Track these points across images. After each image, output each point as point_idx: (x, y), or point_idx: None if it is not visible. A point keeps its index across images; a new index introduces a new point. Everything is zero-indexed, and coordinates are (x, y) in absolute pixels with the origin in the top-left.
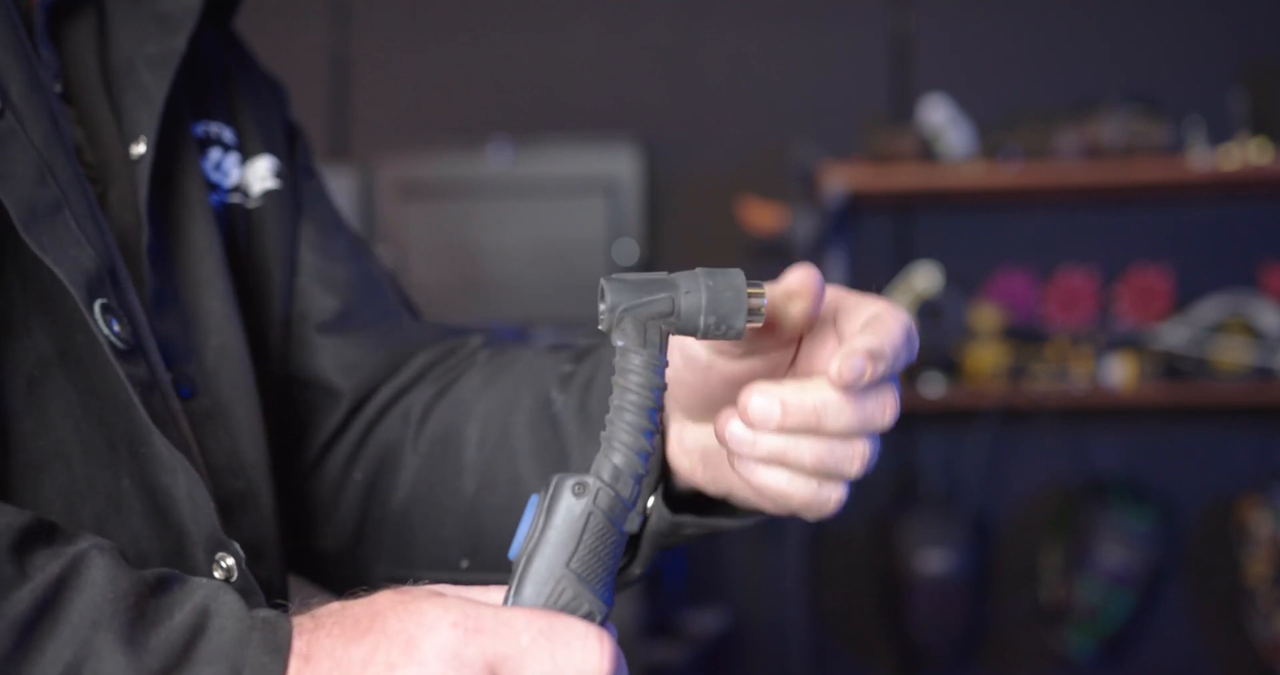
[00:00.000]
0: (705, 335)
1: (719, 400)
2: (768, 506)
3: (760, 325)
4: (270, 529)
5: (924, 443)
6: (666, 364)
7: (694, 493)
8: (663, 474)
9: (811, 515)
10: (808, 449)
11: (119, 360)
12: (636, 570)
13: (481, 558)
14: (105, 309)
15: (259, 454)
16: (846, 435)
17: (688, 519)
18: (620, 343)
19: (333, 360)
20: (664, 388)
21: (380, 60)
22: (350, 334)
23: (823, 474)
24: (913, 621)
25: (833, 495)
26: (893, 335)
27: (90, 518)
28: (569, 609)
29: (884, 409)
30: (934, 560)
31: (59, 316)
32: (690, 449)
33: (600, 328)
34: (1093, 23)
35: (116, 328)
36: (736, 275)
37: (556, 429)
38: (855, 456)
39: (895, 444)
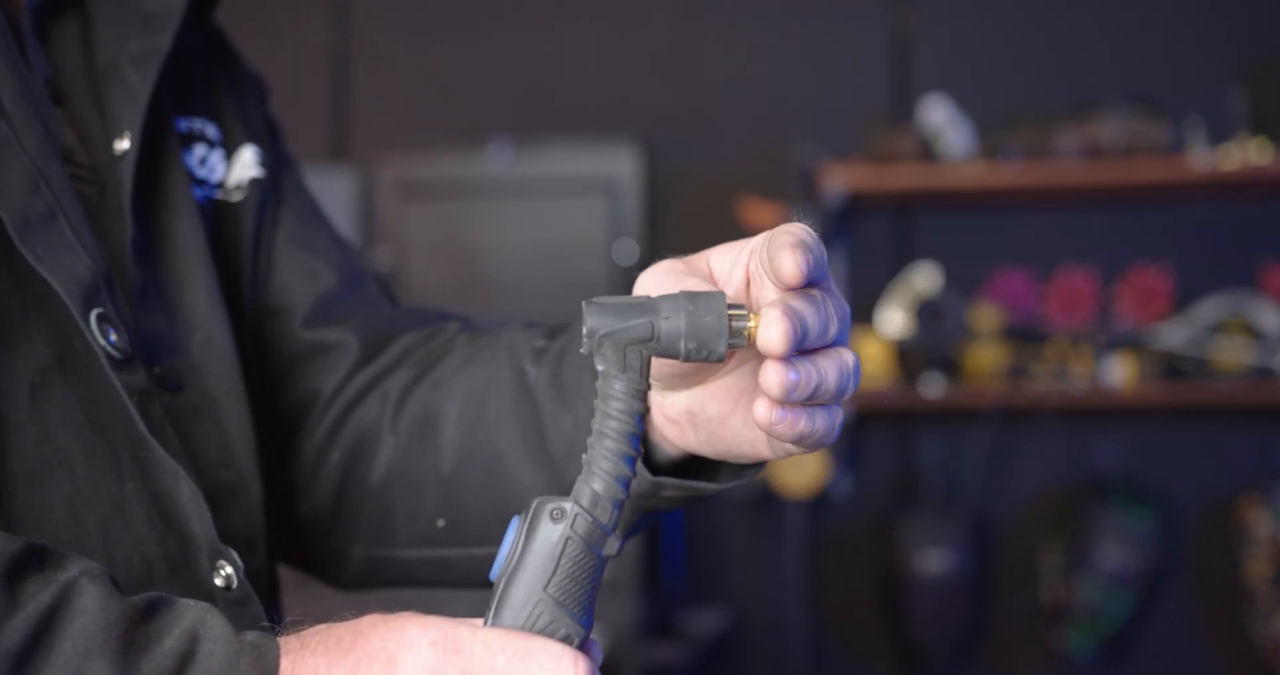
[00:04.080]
0: (687, 359)
1: (693, 371)
2: (781, 453)
3: (744, 346)
4: (260, 520)
5: (924, 443)
6: (648, 388)
7: (681, 458)
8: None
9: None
10: (831, 381)
11: (115, 370)
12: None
13: (460, 530)
14: (101, 319)
15: (248, 445)
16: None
17: (668, 481)
18: (601, 368)
19: (312, 347)
20: (646, 412)
21: (380, 60)
22: (330, 321)
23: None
24: (913, 621)
25: (836, 420)
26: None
27: (95, 524)
28: (546, 633)
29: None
30: (934, 560)
31: (55, 323)
32: (675, 416)
33: (582, 351)
34: (1093, 23)
35: (114, 337)
36: (718, 298)
37: (532, 402)
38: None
39: (895, 444)
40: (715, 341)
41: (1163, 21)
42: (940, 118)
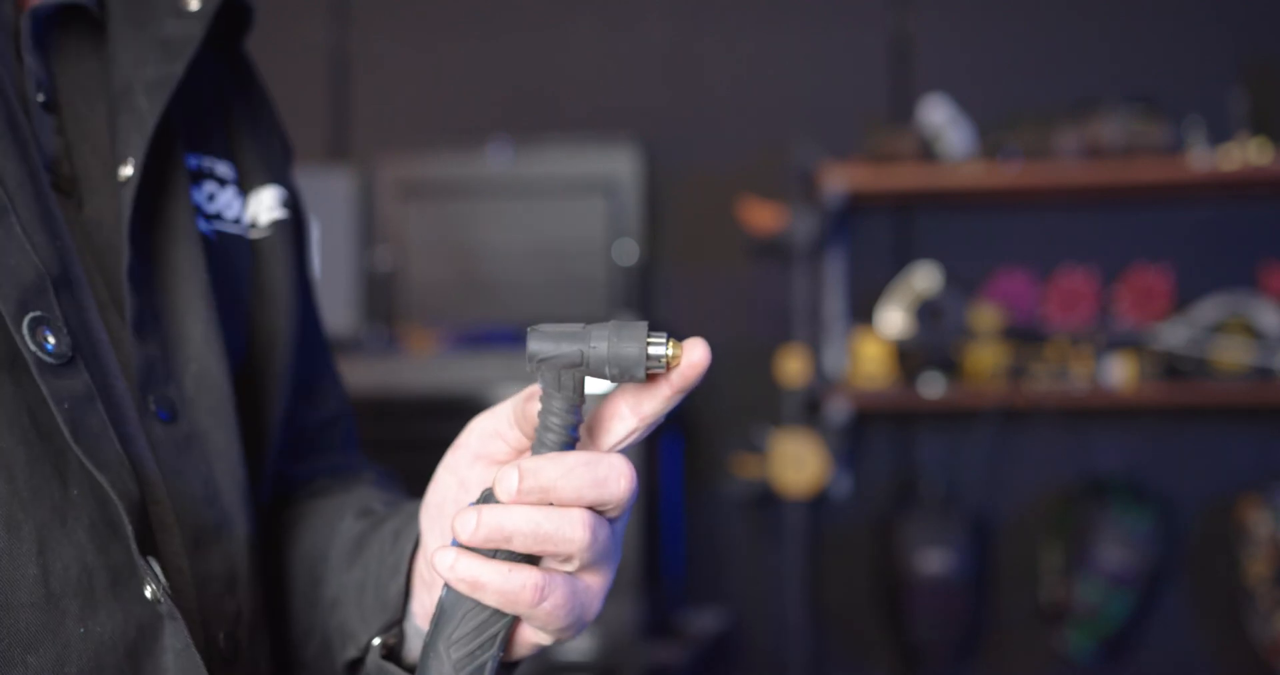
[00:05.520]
0: (614, 380)
1: None
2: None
3: (663, 371)
4: (243, 561)
5: (924, 443)
6: (581, 402)
7: None
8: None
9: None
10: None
11: (45, 375)
12: None
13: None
14: (36, 322)
15: (234, 482)
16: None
17: (392, 668)
18: (541, 387)
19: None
20: (579, 422)
21: (380, 60)
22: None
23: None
24: (913, 621)
25: (527, 581)
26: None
27: (31, 530)
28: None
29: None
30: (934, 560)
31: (3, 324)
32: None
33: (527, 370)
34: (1093, 23)
35: (51, 342)
36: (640, 328)
37: (330, 546)
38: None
39: (895, 444)
40: (635, 368)
41: (1162, 21)
42: (940, 118)
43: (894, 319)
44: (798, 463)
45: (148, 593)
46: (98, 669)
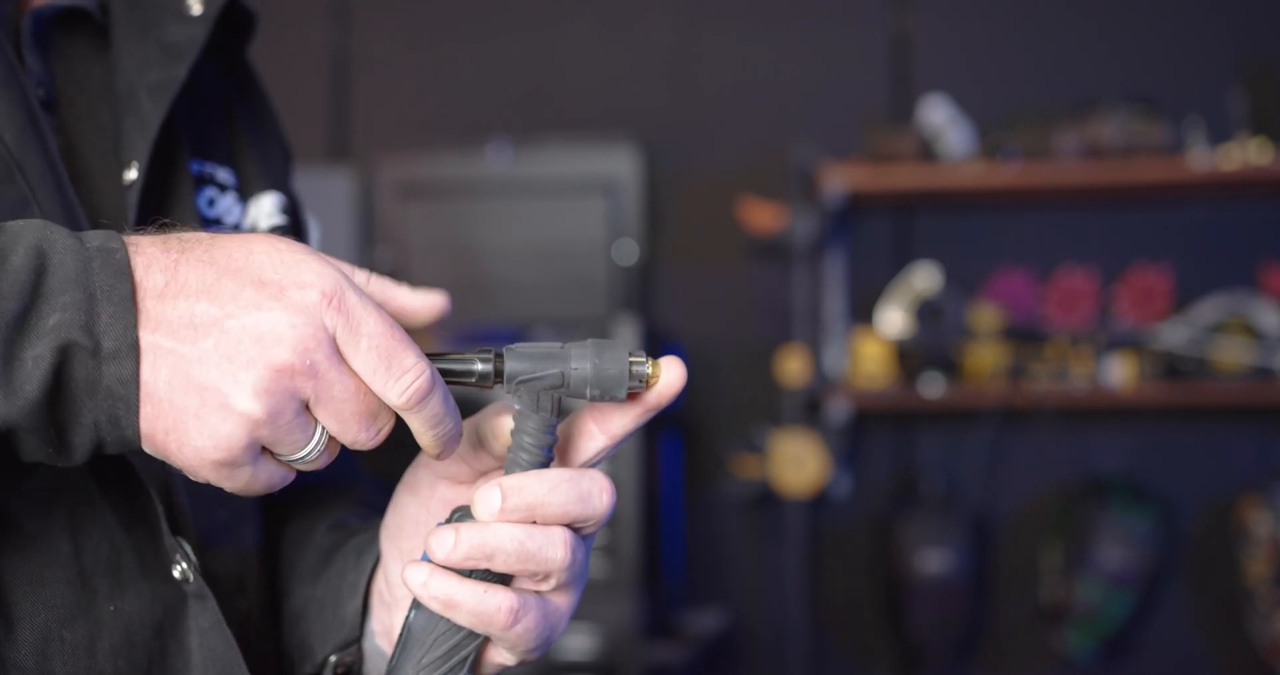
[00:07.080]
0: (593, 400)
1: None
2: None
3: (644, 389)
4: (252, 563)
5: (924, 443)
6: (557, 422)
7: None
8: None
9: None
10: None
11: None
12: None
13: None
14: None
15: None
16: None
17: None
18: (518, 407)
19: None
20: (554, 442)
21: (380, 60)
22: None
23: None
24: (913, 621)
25: (503, 603)
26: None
27: (63, 508)
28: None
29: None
30: (934, 560)
31: None
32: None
33: (504, 392)
34: (1093, 23)
35: None
36: (621, 348)
37: (303, 555)
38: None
39: (895, 444)
40: (616, 389)
41: (1163, 21)
42: (940, 118)
43: (894, 319)
44: (798, 463)
45: (176, 573)
46: (129, 646)
